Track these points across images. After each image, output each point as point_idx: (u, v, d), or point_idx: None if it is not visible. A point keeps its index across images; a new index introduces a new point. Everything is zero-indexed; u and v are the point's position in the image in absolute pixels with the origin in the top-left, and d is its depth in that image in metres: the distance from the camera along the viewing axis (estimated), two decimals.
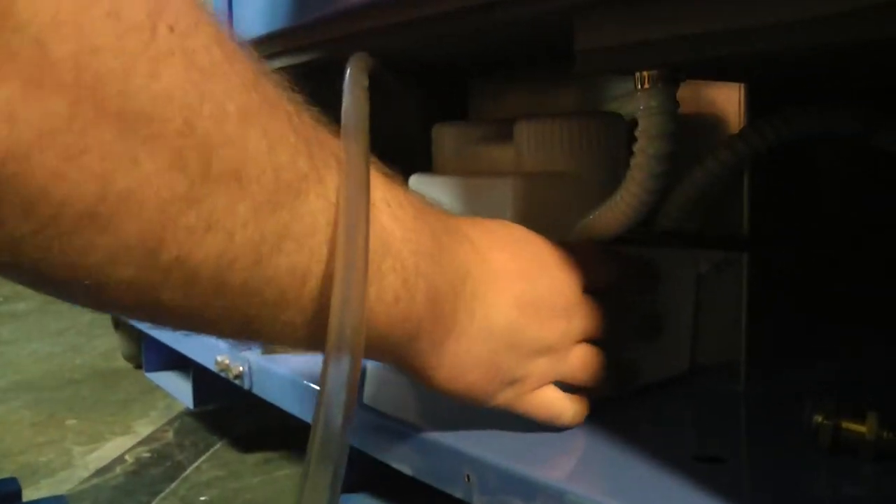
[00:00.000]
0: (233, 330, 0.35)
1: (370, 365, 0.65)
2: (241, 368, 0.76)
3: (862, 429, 0.42)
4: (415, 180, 0.66)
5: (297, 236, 0.33)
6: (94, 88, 0.25)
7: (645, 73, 0.44)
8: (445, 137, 0.69)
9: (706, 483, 0.40)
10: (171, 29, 0.27)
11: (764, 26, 0.36)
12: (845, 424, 0.43)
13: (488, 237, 0.45)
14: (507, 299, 0.43)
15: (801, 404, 0.45)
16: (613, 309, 0.48)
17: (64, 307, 1.68)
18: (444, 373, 0.43)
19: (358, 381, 0.32)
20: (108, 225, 0.27)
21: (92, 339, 1.66)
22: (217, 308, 0.33)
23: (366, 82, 0.43)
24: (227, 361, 0.78)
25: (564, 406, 0.47)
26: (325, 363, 0.32)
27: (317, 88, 0.64)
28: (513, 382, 0.45)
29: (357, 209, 0.34)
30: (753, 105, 0.56)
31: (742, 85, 0.55)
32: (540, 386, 0.46)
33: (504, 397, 0.45)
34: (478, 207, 0.58)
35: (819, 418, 0.43)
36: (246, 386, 0.75)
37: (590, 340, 0.47)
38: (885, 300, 0.63)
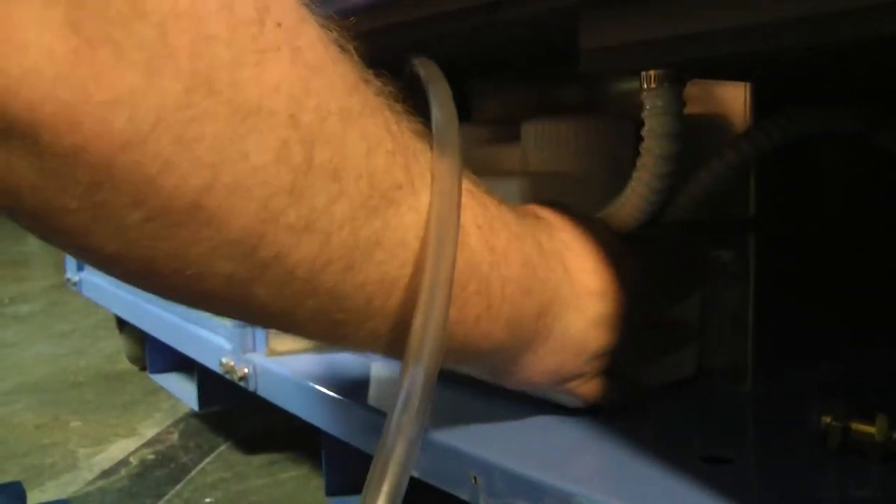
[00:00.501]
0: (320, 332, 0.37)
1: (374, 365, 0.65)
2: (245, 370, 0.76)
3: (871, 430, 0.42)
4: None
5: (389, 246, 0.33)
6: (208, 76, 0.26)
7: (651, 73, 0.44)
8: None
9: (713, 484, 0.40)
10: (279, 25, 0.28)
11: (768, 24, 0.36)
12: (854, 426, 0.42)
13: (581, 257, 0.46)
14: (583, 318, 0.45)
15: (807, 405, 0.45)
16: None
17: (68, 309, 1.69)
18: (513, 379, 0.46)
19: (431, 395, 0.33)
20: (212, 218, 0.28)
21: (96, 341, 1.66)
22: (307, 309, 0.34)
23: (449, 89, 0.43)
24: (231, 363, 0.77)
25: (613, 389, 0.49)
26: (402, 376, 0.32)
27: None
28: (572, 379, 0.47)
29: (446, 230, 0.34)
30: (759, 104, 0.55)
31: (747, 84, 0.55)
32: (595, 377, 0.48)
33: (561, 388, 0.48)
34: None
35: (828, 419, 0.43)
36: (251, 388, 0.75)
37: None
38: (892, 301, 0.63)
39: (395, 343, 0.36)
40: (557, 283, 0.43)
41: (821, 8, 0.34)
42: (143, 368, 1.36)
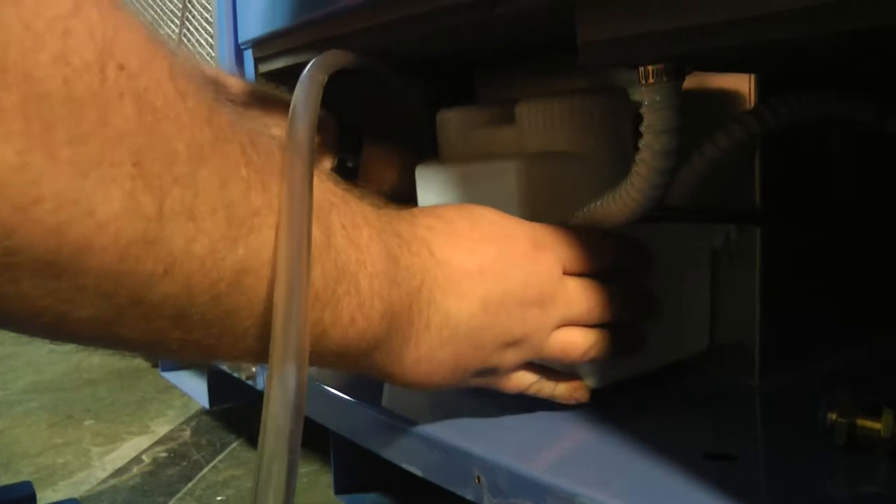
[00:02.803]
0: (193, 356, 0.36)
1: None
2: (253, 369, 0.76)
3: (877, 426, 0.41)
4: (421, 170, 0.65)
5: (255, 270, 0.33)
6: (44, 136, 0.25)
7: (649, 68, 0.43)
8: (449, 123, 0.68)
9: (717, 482, 0.39)
10: (122, 68, 0.27)
11: (767, 15, 0.35)
12: (860, 422, 0.42)
13: (451, 239, 0.44)
14: (469, 302, 0.43)
15: (814, 400, 0.44)
16: (604, 290, 0.47)
17: None
18: (408, 377, 0.44)
19: (305, 386, 0.33)
20: (63, 272, 0.27)
21: None
22: (175, 340, 0.33)
23: (319, 84, 0.43)
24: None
25: (542, 387, 0.49)
26: (270, 374, 0.32)
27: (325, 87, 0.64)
28: (482, 373, 0.46)
29: (298, 227, 0.34)
30: (764, 92, 0.55)
31: (752, 76, 0.54)
32: (514, 371, 0.47)
33: (474, 382, 0.47)
34: (484, 193, 0.58)
35: (834, 416, 0.42)
36: (259, 387, 0.75)
37: (580, 323, 0.47)
38: None
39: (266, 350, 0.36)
40: (423, 267, 0.42)
41: None
42: (156, 365, 1.37)
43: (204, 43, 0.86)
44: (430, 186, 0.63)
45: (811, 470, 0.42)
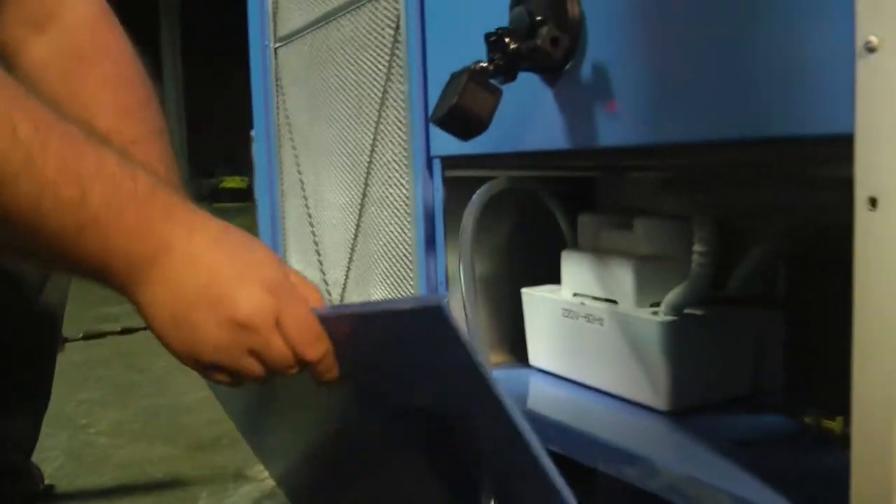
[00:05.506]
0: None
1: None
2: None
3: (834, 426, 0.68)
4: (566, 255, 0.95)
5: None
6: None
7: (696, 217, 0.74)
8: (586, 223, 0.99)
9: (736, 459, 0.67)
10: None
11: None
12: (825, 424, 0.68)
13: (205, 231, 0.57)
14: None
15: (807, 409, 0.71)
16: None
17: None
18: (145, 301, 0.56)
19: None
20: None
21: None
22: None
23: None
24: None
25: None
26: None
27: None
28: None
29: None
30: None
31: None
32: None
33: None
34: (609, 277, 0.88)
35: (808, 419, 0.69)
36: None
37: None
38: None
39: None
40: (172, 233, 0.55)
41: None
42: None
43: (397, 152, 1.03)
44: (572, 268, 0.94)
45: (795, 453, 0.69)
